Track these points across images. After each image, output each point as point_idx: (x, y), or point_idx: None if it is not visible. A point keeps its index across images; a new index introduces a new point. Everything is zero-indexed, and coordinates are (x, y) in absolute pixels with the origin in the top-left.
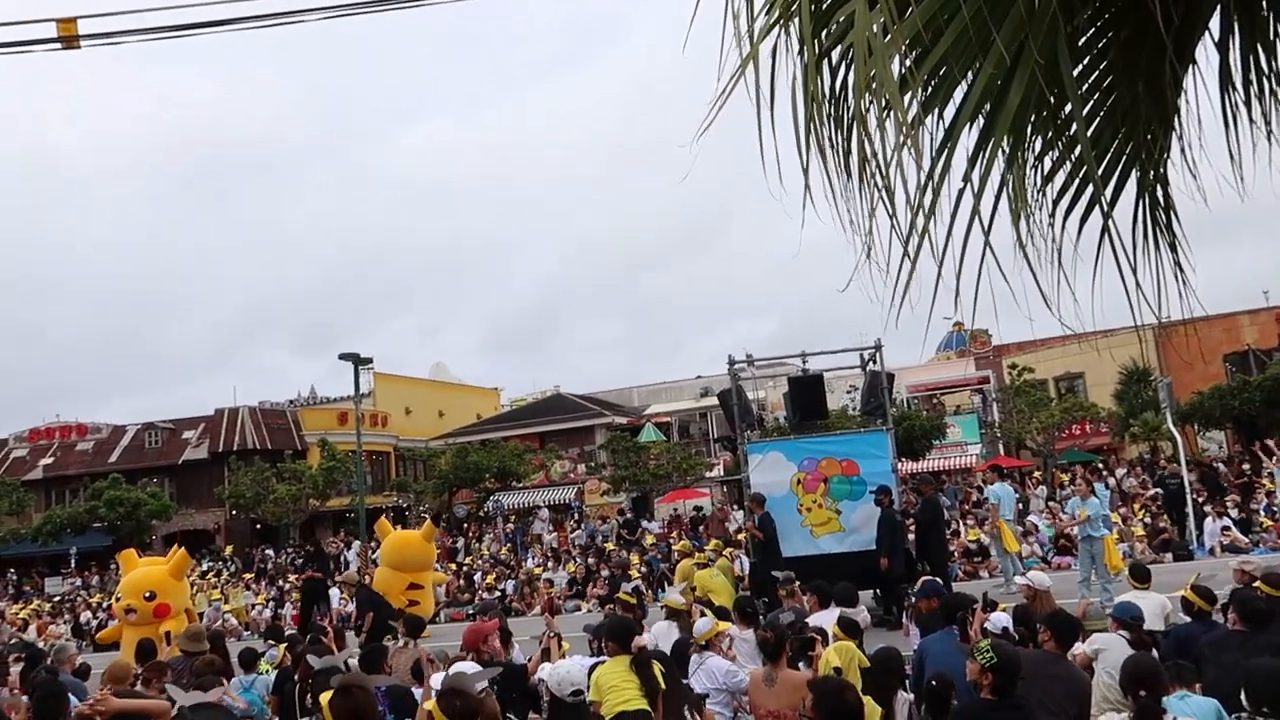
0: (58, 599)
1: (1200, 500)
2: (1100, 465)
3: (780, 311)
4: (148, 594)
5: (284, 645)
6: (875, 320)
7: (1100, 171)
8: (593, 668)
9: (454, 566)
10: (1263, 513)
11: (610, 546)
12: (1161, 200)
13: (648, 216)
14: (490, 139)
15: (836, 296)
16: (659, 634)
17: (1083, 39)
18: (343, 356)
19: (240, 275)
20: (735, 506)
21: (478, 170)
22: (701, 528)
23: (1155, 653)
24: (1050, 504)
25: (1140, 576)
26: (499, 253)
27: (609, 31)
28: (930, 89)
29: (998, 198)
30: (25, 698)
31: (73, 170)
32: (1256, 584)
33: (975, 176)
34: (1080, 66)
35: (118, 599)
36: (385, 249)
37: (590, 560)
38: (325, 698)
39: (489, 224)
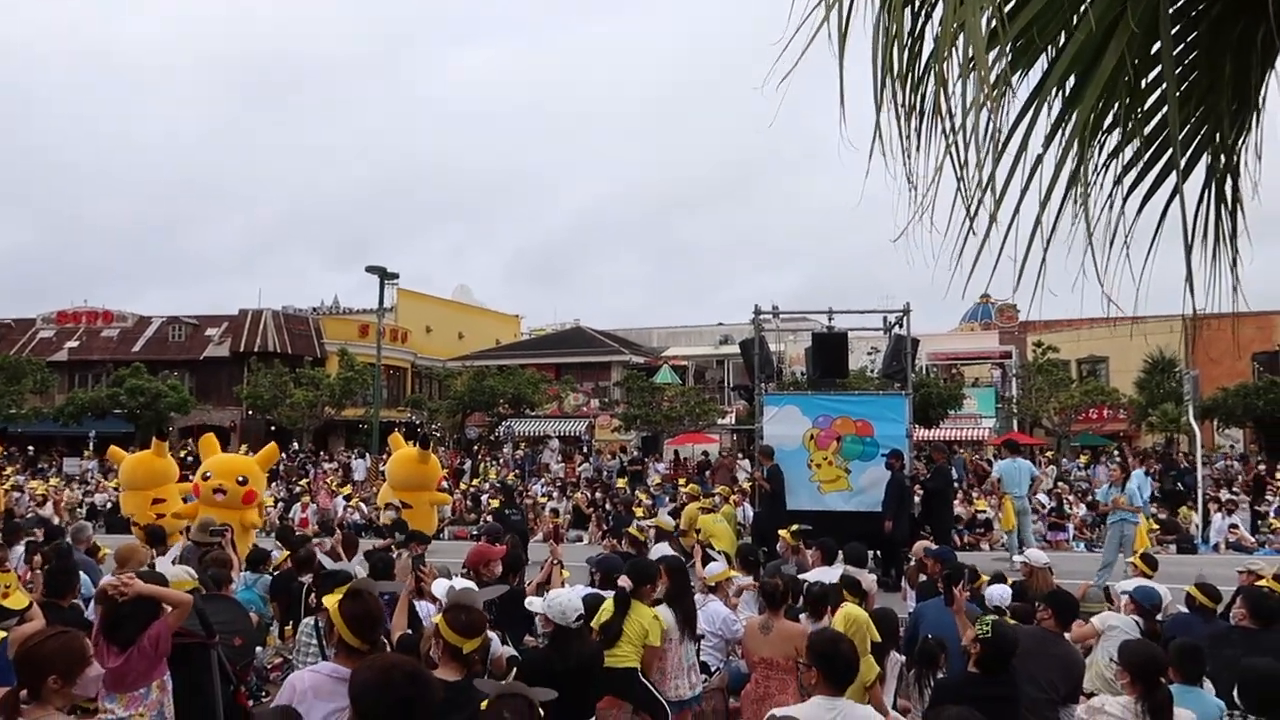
0: (75, 478)
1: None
2: (1116, 451)
3: (805, 268)
4: (240, 478)
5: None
6: (900, 285)
7: (1174, 153)
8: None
9: (461, 487)
10: (1272, 514)
11: (622, 483)
12: (1229, 192)
13: (687, 162)
14: (539, 70)
15: (862, 259)
16: (656, 554)
17: (1173, 8)
18: (370, 269)
19: (279, 182)
20: (741, 455)
21: (523, 100)
22: (709, 473)
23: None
24: (1060, 485)
25: (1150, 565)
26: (534, 184)
27: None
28: (1016, 48)
29: (1075, 171)
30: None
31: (131, 61)
32: (1262, 581)
33: (1053, 146)
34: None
35: (205, 478)
36: (422, 170)
37: (597, 494)
38: (331, 601)
39: (528, 155)
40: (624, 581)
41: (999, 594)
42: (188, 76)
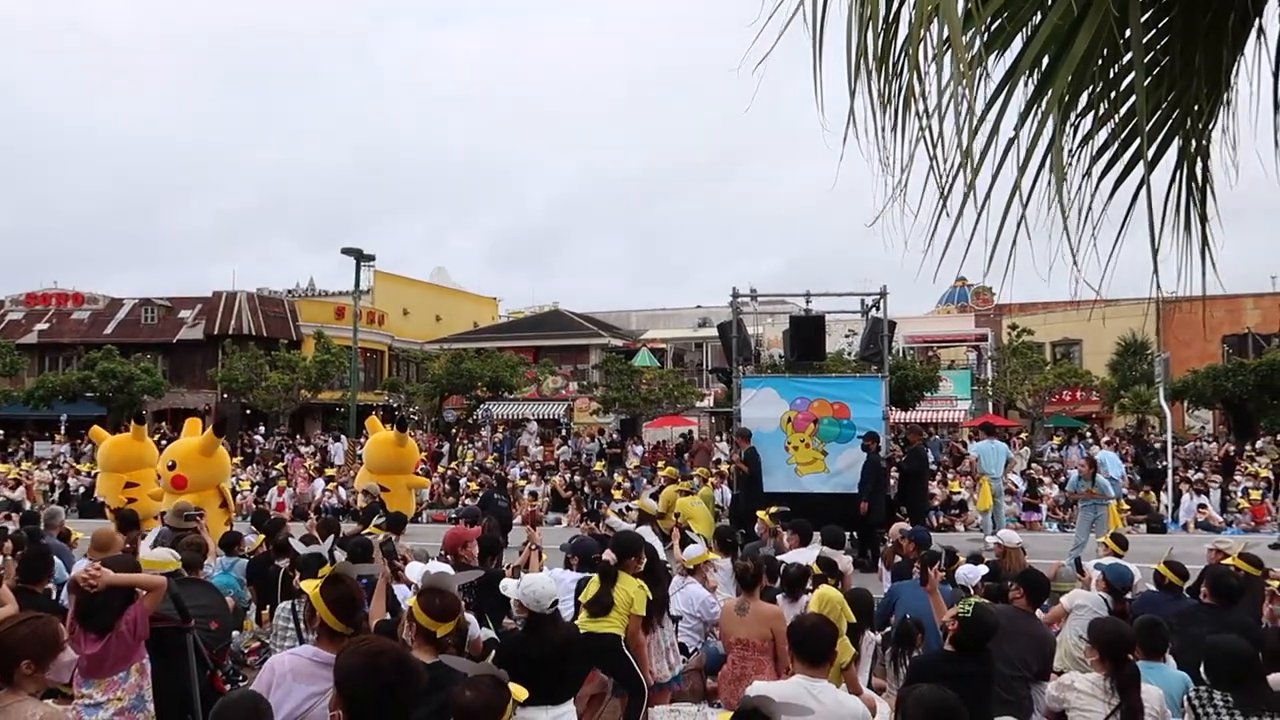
0: (47, 463)
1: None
2: (1089, 433)
3: (783, 252)
4: (170, 463)
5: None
6: (877, 269)
7: (1141, 144)
8: (580, 583)
9: (439, 470)
10: (1239, 494)
11: (599, 466)
12: (1199, 175)
13: (666, 145)
14: (519, 53)
15: (839, 244)
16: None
17: None
18: (345, 251)
19: (254, 164)
20: (719, 438)
21: (503, 83)
22: (686, 455)
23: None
24: (1034, 465)
25: (1120, 544)
26: (513, 167)
27: None
28: (991, 30)
29: (1046, 154)
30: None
31: (104, 41)
32: (1227, 560)
33: (1027, 127)
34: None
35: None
36: (400, 153)
37: (575, 477)
38: (311, 585)
39: (507, 137)
40: (609, 555)
41: (964, 574)
42: (162, 57)
